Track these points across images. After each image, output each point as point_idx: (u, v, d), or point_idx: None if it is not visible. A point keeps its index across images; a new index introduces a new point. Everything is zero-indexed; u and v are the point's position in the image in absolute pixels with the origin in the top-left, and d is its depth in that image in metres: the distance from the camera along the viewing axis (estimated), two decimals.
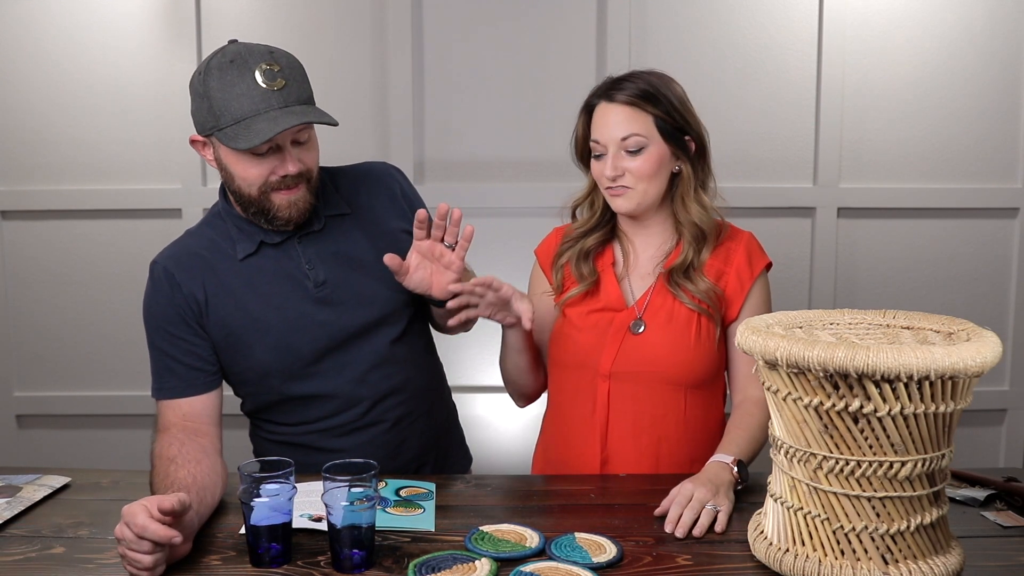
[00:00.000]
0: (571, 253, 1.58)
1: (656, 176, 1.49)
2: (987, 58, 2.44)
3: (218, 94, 1.33)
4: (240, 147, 1.32)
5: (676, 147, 1.50)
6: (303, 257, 1.47)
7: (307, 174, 1.41)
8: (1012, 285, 2.54)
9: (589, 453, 1.54)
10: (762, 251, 1.57)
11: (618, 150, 1.48)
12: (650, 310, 1.53)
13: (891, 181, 2.49)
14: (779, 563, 1.09)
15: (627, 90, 1.48)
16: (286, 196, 1.40)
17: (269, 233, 1.46)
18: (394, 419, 1.54)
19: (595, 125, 1.51)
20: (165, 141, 2.42)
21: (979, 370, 0.98)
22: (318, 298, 1.46)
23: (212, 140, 1.38)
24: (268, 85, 1.32)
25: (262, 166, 1.37)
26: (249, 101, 1.32)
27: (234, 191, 1.42)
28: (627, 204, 1.50)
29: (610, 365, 1.51)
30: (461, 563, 1.13)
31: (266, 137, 1.30)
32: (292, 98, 1.35)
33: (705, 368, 1.51)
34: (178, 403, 1.43)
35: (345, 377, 1.49)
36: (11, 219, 2.47)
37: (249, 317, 1.45)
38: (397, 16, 2.39)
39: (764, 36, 2.43)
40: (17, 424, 2.54)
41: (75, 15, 2.39)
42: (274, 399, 1.51)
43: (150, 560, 1.05)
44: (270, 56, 1.35)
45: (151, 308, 1.45)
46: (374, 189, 1.57)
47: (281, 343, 1.46)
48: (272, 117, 1.32)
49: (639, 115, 1.47)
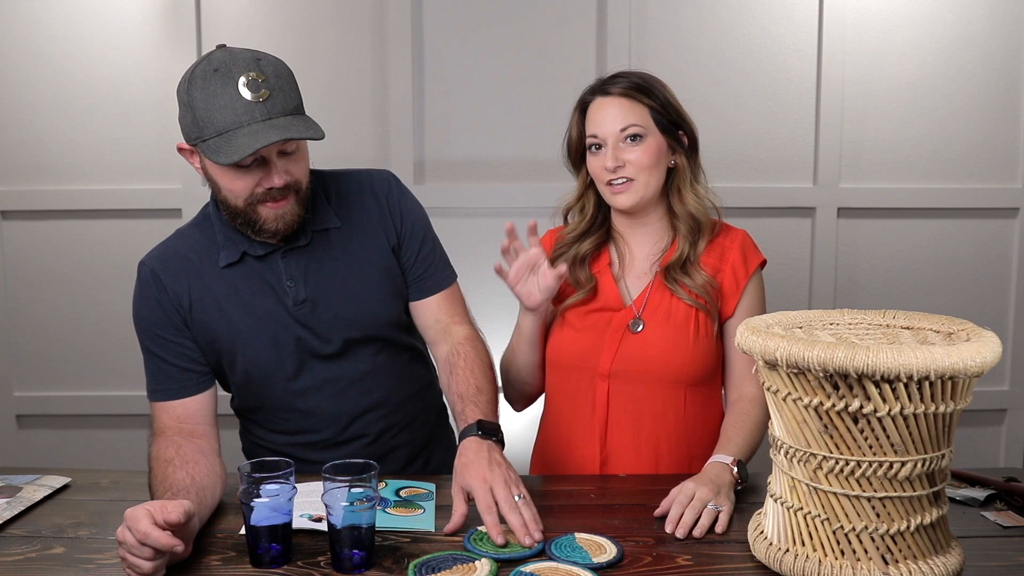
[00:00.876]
0: (566, 259, 1.57)
1: (655, 167, 1.50)
2: (987, 58, 2.44)
3: (201, 104, 1.27)
4: (221, 161, 1.26)
5: (671, 140, 1.52)
6: (285, 273, 1.44)
7: (295, 185, 1.36)
8: (1012, 285, 2.55)
9: (589, 453, 1.54)
10: (756, 248, 1.58)
11: (617, 141, 1.49)
12: (648, 308, 1.53)
13: (891, 181, 2.49)
14: (779, 563, 1.09)
15: (621, 84, 1.50)
16: (273, 209, 1.35)
17: (253, 244, 1.43)
18: (376, 433, 1.52)
19: (591, 120, 1.52)
20: (165, 141, 2.42)
21: (979, 370, 0.98)
22: (297, 316, 1.44)
23: (197, 150, 1.34)
24: (252, 96, 1.26)
25: (247, 179, 1.32)
26: (231, 113, 1.26)
27: (221, 200, 1.38)
28: (630, 199, 1.50)
29: (609, 365, 1.51)
30: (461, 563, 1.13)
31: (246, 153, 1.24)
32: (276, 109, 1.28)
33: (704, 365, 1.51)
34: (172, 405, 1.42)
35: (324, 393, 1.47)
36: (11, 219, 2.48)
37: (231, 325, 1.43)
38: (397, 16, 2.39)
39: (764, 36, 2.43)
40: (17, 424, 2.55)
41: (75, 15, 2.39)
42: (257, 404, 1.50)
43: (150, 567, 1.05)
44: (256, 64, 1.29)
45: (140, 311, 1.44)
46: (366, 201, 1.51)
47: (261, 356, 1.44)
48: (254, 131, 1.26)
49: (636, 106, 1.49)
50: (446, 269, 1.57)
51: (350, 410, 1.49)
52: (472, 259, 1.66)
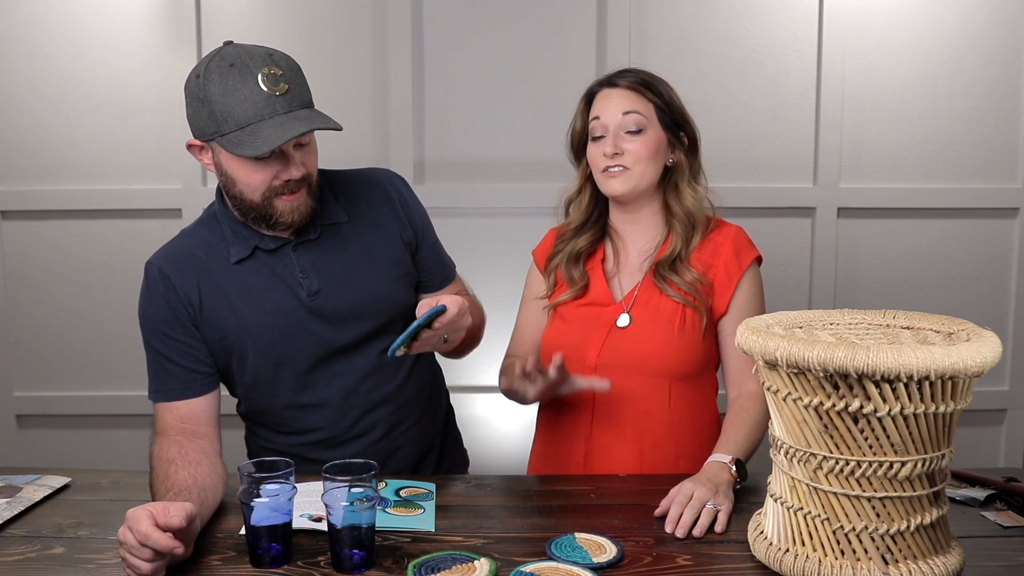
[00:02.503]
0: (562, 256, 1.60)
1: (653, 159, 1.52)
2: (987, 58, 2.44)
3: (219, 99, 1.29)
4: (247, 154, 1.28)
5: (672, 137, 1.55)
6: (297, 265, 1.45)
7: (308, 178, 1.39)
8: (1012, 285, 2.55)
9: (573, 448, 1.55)
10: (751, 244, 1.57)
11: (618, 129, 1.51)
12: (637, 305, 1.54)
13: (891, 181, 2.49)
14: (779, 563, 1.09)
15: (628, 78, 1.55)
16: (288, 201, 1.38)
17: (264, 239, 1.44)
18: (385, 428, 1.53)
19: (596, 109, 1.55)
20: (165, 141, 2.43)
21: (979, 370, 0.98)
22: (311, 308, 1.45)
23: (212, 145, 1.35)
24: (271, 89, 1.29)
25: (265, 171, 1.34)
26: (253, 107, 1.28)
27: (234, 196, 1.39)
28: (622, 185, 1.52)
29: (595, 358, 1.52)
30: (460, 563, 1.13)
31: (276, 144, 1.27)
32: (296, 102, 1.32)
33: (689, 359, 1.51)
34: (176, 405, 1.42)
35: (335, 388, 1.48)
36: (11, 219, 2.48)
37: (242, 322, 1.43)
38: (397, 16, 2.39)
39: (764, 36, 2.43)
40: (17, 424, 2.55)
41: (75, 15, 2.39)
42: (264, 406, 1.50)
43: (150, 567, 1.05)
44: (270, 59, 1.31)
45: (146, 310, 1.44)
46: (373, 197, 1.54)
47: (273, 351, 1.44)
48: (279, 123, 1.28)
49: (640, 98, 1.53)
50: (449, 261, 1.64)
51: (361, 404, 1.50)
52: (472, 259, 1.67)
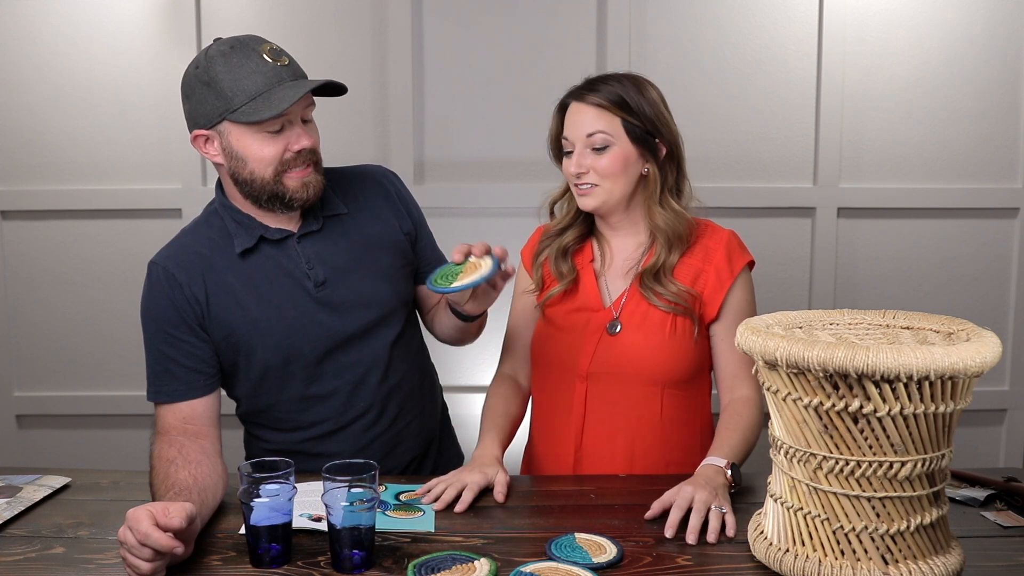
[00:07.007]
0: (550, 251, 1.59)
1: (621, 175, 1.49)
2: (987, 58, 2.44)
3: (226, 77, 1.34)
4: (265, 116, 1.33)
5: (644, 149, 1.49)
6: (302, 257, 1.46)
7: (316, 153, 1.43)
8: (1012, 285, 2.55)
9: (563, 453, 1.55)
10: (743, 249, 1.55)
11: (584, 147, 1.48)
12: (626, 311, 1.53)
13: (891, 181, 2.49)
14: (779, 563, 1.09)
15: (600, 92, 1.48)
16: (299, 176, 1.41)
17: (269, 229, 1.46)
18: (390, 420, 1.54)
19: (566, 123, 1.52)
20: (165, 141, 2.43)
21: (979, 370, 0.98)
22: (318, 299, 1.46)
23: (220, 129, 1.37)
24: (275, 61, 1.36)
25: (277, 143, 1.38)
26: (263, 76, 1.34)
27: (244, 180, 1.40)
28: (592, 202, 1.51)
29: (587, 365, 1.52)
30: (460, 563, 1.13)
31: (292, 101, 1.33)
32: (299, 73, 1.40)
33: (680, 365, 1.50)
34: (178, 406, 1.41)
35: (344, 379, 1.49)
36: (11, 219, 2.48)
37: (249, 317, 1.44)
38: (397, 16, 2.39)
39: (764, 36, 2.43)
40: (17, 424, 2.55)
41: (75, 15, 2.39)
42: (272, 401, 1.51)
43: (150, 567, 1.05)
44: (266, 40, 1.39)
45: (150, 309, 1.44)
46: (370, 190, 1.57)
47: (282, 344, 1.45)
48: (289, 86, 1.35)
49: (607, 116, 1.48)
50: (442, 255, 1.66)
51: (368, 396, 1.52)
52: None
